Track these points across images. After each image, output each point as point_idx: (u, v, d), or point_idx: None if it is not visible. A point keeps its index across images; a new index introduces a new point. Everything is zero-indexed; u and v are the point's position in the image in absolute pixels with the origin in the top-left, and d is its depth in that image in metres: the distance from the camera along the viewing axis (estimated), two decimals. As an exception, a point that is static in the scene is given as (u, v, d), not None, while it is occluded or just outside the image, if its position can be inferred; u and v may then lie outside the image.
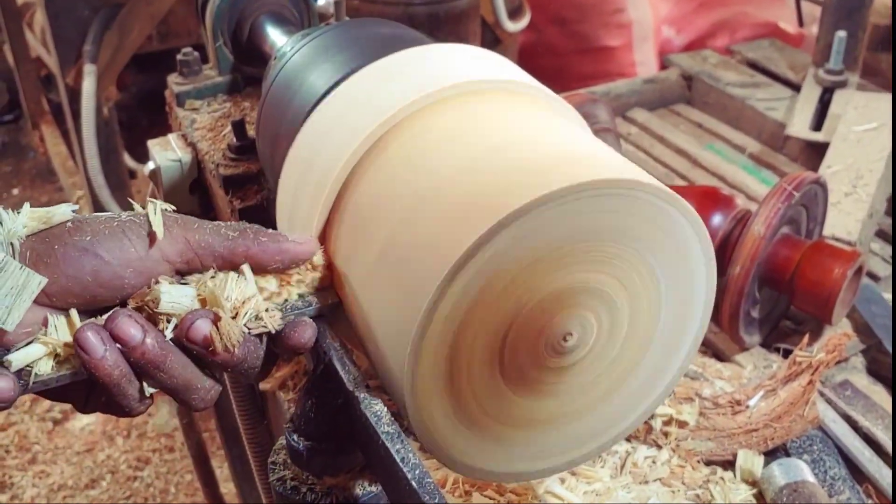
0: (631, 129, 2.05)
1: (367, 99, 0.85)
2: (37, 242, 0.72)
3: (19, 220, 0.72)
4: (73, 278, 0.72)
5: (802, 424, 1.16)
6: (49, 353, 0.70)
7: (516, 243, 0.69)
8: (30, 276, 0.69)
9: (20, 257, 0.71)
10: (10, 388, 0.67)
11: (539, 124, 0.83)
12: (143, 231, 0.75)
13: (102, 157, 2.69)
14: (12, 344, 0.70)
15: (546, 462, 0.84)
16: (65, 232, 0.73)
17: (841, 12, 1.91)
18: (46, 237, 0.73)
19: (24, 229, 0.72)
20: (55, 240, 0.72)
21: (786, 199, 1.27)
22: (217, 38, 1.34)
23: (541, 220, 0.69)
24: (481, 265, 0.69)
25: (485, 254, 0.68)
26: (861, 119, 1.74)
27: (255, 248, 0.77)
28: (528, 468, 0.84)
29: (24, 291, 0.69)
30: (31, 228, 0.73)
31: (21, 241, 0.72)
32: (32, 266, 0.70)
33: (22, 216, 0.73)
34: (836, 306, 1.28)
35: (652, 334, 0.82)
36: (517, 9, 3.00)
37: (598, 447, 0.87)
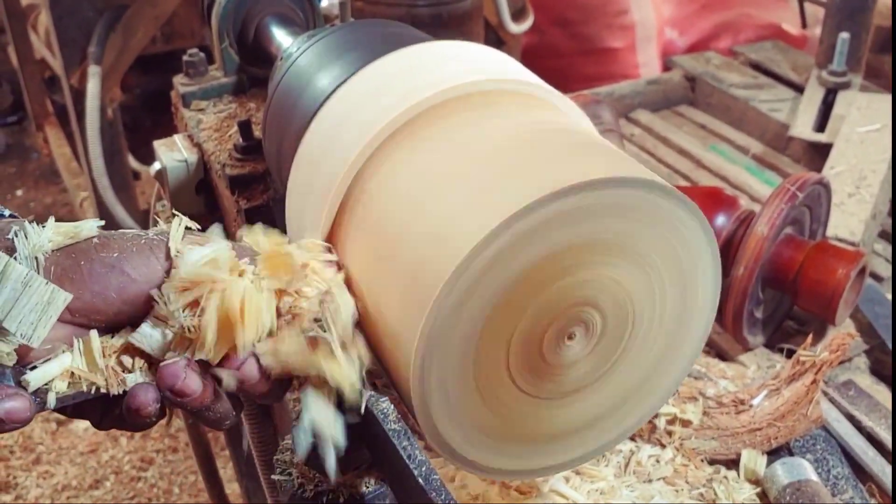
0: (634, 130, 2.05)
1: (374, 99, 0.86)
2: (62, 258, 0.71)
3: (45, 235, 0.71)
4: (99, 295, 0.71)
5: (806, 424, 1.16)
6: (66, 373, 0.70)
7: (522, 242, 0.69)
8: (55, 293, 0.68)
9: (44, 272, 0.70)
10: (26, 409, 0.67)
11: (546, 124, 0.83)
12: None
13: (106, 159, 2.69)
14: (35, 360, 0.70)
15: (550, 460, 0.85)
16: (91, 248, 0.72)
17: (844, 14, 1.91)
18: (72, 252, 0.72)
19: (50, 244, 0.71)
20: (81, 255, 0.71)
21: (789, 200, 1.27)
22: (223, 40, 1.35)
23: (546, 219, 0.69)
24: (487, 264, 0.69)
25: (490, 253, 0.69)
26: (864, 120, 1.75)
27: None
28: (533, 466, 0.85)
29: (49, 307, 0.68)
30: (57, 243, 0.72)
31: (46, 255, 0.71)
32: (57, 281, 0.70)
33: (47, 230, 0.72)
34: (839, 307, 1.29)
35: (656, 334, 0.82)
36: (520, 10, 3.00)
37: (602, 445, 0.87)
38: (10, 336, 0.67)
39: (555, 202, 0.69)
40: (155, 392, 0.70)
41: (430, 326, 0.70)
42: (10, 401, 0.66)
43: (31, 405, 0.67)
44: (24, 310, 0.67)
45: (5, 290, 0.67)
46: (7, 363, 0.68)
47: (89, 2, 2.69)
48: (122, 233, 0.75)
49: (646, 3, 3.14)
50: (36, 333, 0.67)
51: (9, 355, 0.68)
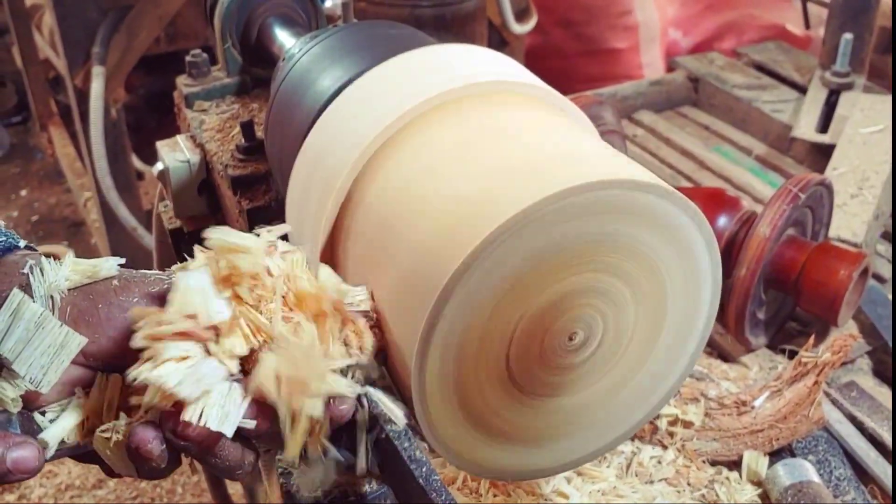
0: (637, 130, 2.05)
1: (377, 100, 0.86)
2: (79, 298, 0.68)
3: (62, 273, 0.69)
4: (115, 340, 0.68)
5: (808, 425, 1.16)
6: (80, 423, 0.67)
7: (523, 243, 0.70)
8: (69, 336, 0.66)
9: (59, 313, 0.67)
10: (35, 458, 0.64)
11: (547, 126, 0.83)
12: None
13: (110, 159, 2.69)
14: (45, 404, 0.68)
15: (552, 461, 0.85)
16: (110, 290, 0.69)
17: (847, 14, 1.91)
18: (90, 294, 0.69)
19: (67, 283, 0.68)
20: (99, 298, 0.69)
21: (791, 201, 1.27)
22: (225, 40, 1.35)
23: (547, 221, 0.69)
24: (488, 265, 0.69)
25: (492, 254, 0.69)
26: (867, 121, 1.74)
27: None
28: (534, 467, 0.85)
29: (62, 351, 0.65)
30: (74, 282, 0.69)
31: (63, 294, 0.68)
32: (73, 323, 0.67)
33: (64, 268, 0.69)
34: (841, 308, 1.29)
35: (658, 334, 0.82)
36: (524, 11, 3.00)
37: (603, 446, 0.88)
38: (19, 380, 0.65)
39: (555, 204, 0.69)
40: (155, 430, 0.66)
41: (429, 327, 0.70)
42: (17, 450, 0.63)
43: (39, 454, 0.64)
44: (35, 352, 0.64)
45: (18, 329, 0.64)
46: (12, 409, 0.65)
47: (93, 2, 2.69)
48: (143, 274, 0.72)
49: (649, 3, 3.14)
50: (46, 378, 0.65)
51: (14, 401, 0.65)
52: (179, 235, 1.33)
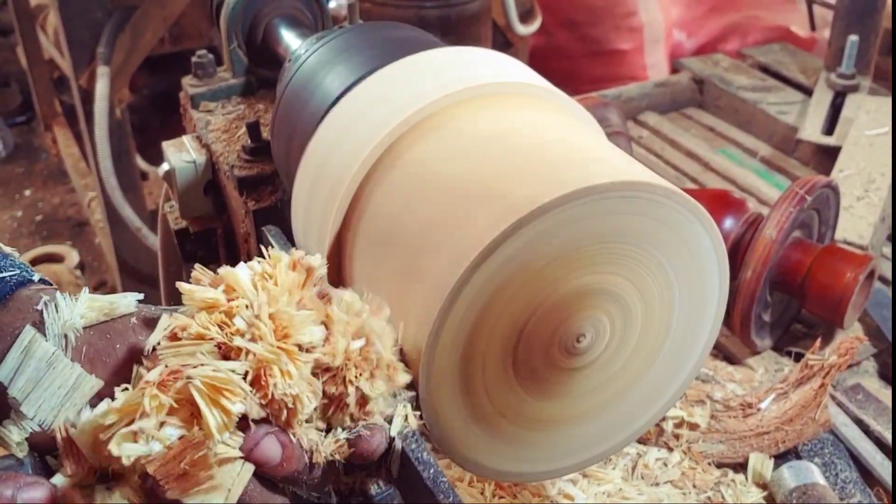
0: (642, 132, 2.05)
1: (383, 101, 0.86)
2: (96, 337, 0.65)
3: (77, 310, 0.65)
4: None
5: (814, 428, 1.16)
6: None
7: (532, 244, 0.70)
8: (82, 378, 0.63)
9: (75, 352, 0.64)
10: (47, 497, 0.60)
11: (555, 128, 0.83)
12: None
13: (115, 159, 2.69)
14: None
15: (558, 463, 0.85)
16: (129, 329, 0.66)
17: (853, 16, 1.91)
18: (108, 332, 0.66)
19: (82, 320, 0.65)
20: (117, 337, 0.66)
21: (798, 203, 1.27)
22: (231, 41, 1.35)
23: (556, 222, 0.69)
24: (497, 265, 0.69)
25: (501, 254, 0.69)
26: (873, 123, 1.74)
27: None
28: (540, 469, 0.85)
29: (74, 393, 0.62)
30: (90, 319, 0.66)
31: (78, 333, 0.65)
32: (89, 364, 0.64)
33: (80, 305, 0.66)
34: (847, 310, 1.28)
35: (664, 337, 0.82)
36: (528, 12, 3.00)
37: (609, 449, 0.87)
38: (27, 422, 0.62)
39: (563, 206, 0.69)
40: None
41: (438, 329, 0.70)
42: (28, 490, 0.59)
43: (51, 494, 0.60)
44: (45, 393, 0.62)
45: (28, 369, 0.62)
46: (17, 453, 0.62)
47: (98, 3, 2.69)
48: (163, 310, 0.68)
49: (654, 4, 3.14)
50: (56, 421, 0.62)
51: (19, 445, 0.62)
52: (185, 236, 1.33)
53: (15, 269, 0.69)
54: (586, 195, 0.69)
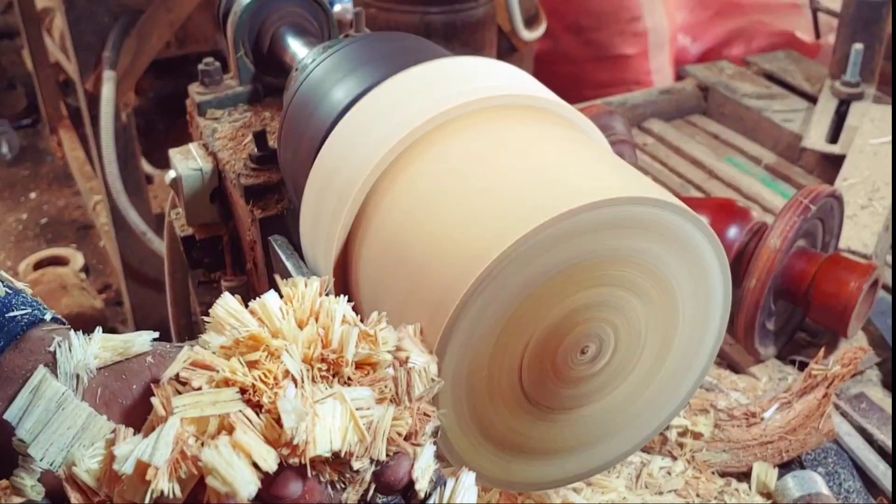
0: (647, 139, 2.06)
1: (389, 113, 0.86)
2: (111, 378, 0.64)
3: (90, 349, 0.64)
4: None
5: (817, 437, 1.16)
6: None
7: (536, 258, 0.70)
8: (91, 418, 0.61)
9: (89, 394, 0.62)
10: None
11: (557, 141, 0.84)
12: None
13: (120, 162, 2.70)
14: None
15: (561, 472, 0.85)
16: (145, 368, 0.64)
17: (857, 24, 1.91)
18: (123, 373, 0.64)
19: (96, 360, 0.64)
20: (133, 377, 0.64)
21: (802, 213, 1.28)
22: (238, 49, 1.35)
23: (559, 236, 0.70)
24: (502, 279, 0.70)
25: (505, 268, 0.69)
26: (877, 131, 1.74)
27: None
28: (544, 478, 0.85)
29: (83, 434, 0.61)
30: (104, 360, 0.64)
31: (91, 374, 0.63)
32: (104, 406, 0.62)
33: (94, 345, 0.64)
34: (851, 319, 1.29)
35: (669, 345, 0.83)
36: (533, 17, 3.01)
37: (613, 458, 0.88)
38: (37, 463, 0.60)
39: (569, 220, 0.69)
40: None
41: (444, 340, 0.70)
42: None
43: None
44: (54, 435, 0.60)
45: (37, 410, 0.60)
46: (34, 497, 0.60)
47: (104, 6, 2.70)
48: (178, 348, 0.66)
49: (658, 9, 3.14)
50: (65, 461, 0.60)
51: (34, 488, 0.60)
52: (191, 243, 1.33)
53: (27, 307, 0.67)
54: (591, 209, 0.70)
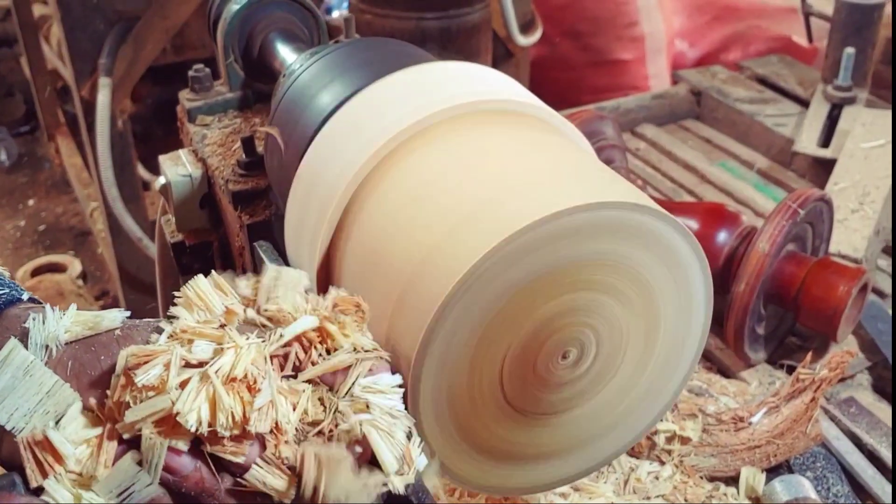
0: (640, 144, 2.06)
1: (373, 118, 0.86)
2: (80, 351, 0.66)
3: (62, 323, 0.66)
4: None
5: (805, 441, 1.16)
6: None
7: (515, 263, 0.70)
8: (58, 387, 0.63)
9: (59, 365, 0.65)
10: None
11: (542, 145, 0.84)
12: None
13: (117, 169, 2.70)
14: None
15: (545, 477, 0.85)
16: (113, 341, 0.67)
17: (850, 29, 1.91)
18: (92, 345, 0.66)
19: (67, 334, 0.66)
20: (102, 349, 0.66)
21: (790, 217, 1.28)
22: (228, 55, 1.35)
23: (538, 240, 0.70)
24: (481, 284, 0.70)
25: (484, 273, 0.69)
26: (868, 136, 1.75)
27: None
28: (527, 483, 0.85)
29: (48, 400, 0.63)
30: (75, 334, 0.66)
31: (60, 346, 0.66)
32: (74, 377, 0.64)
33: (66, 319, 0.67)
34: (841, 323, 1.29)
35: (652, 348, 0.83)
36: (529, 23, 3.01)
37: (596, 463, 0.88)
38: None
39: (546, 225, 0.69)
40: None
41: (424, 345, 0.70)
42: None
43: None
44: (19, 400, 0.62)
45: (4, 376, 0.62)
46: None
47: (100, 13, 2.70)
48: (147, 323, 0.69)
49: (655, 15, 3.14)
50: (28, 427, 0.62)
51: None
52: (181, 249, 1.33)
53: (4, 287, 0.70)
54: (570, 214, 0.70)
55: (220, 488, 0.64)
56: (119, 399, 0.63)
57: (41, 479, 0.61)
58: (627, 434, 0.88)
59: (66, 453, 0.62)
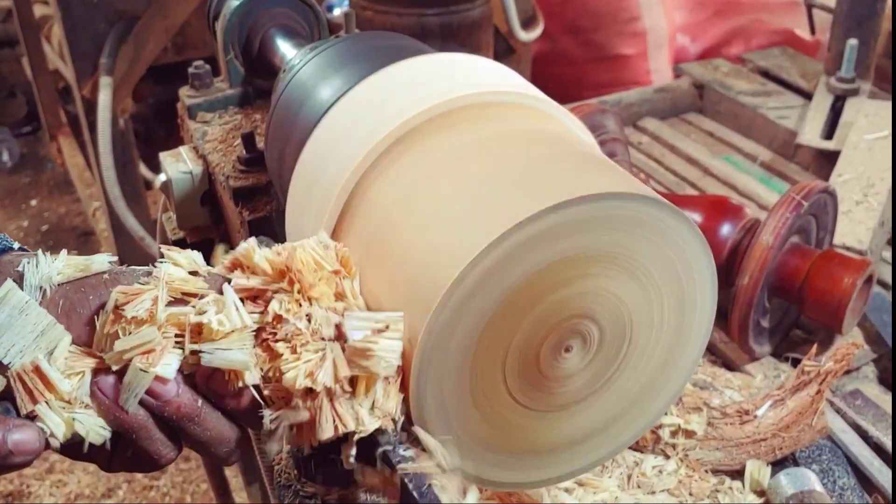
0: (642, 138, 2.05)
1: (373, 110, 0.86)
2: (71, 291, 0.71)
3: (55, 266, 0.71)
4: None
5: (811, 434, 1.15)
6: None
7: (517, 255, 0.70)
8: (51, 326, 0.68)
9: (51, 304, 0.69)
10: (36, 439, 0.65)
11: (544, 137, 0.83)
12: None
13: (118, 169, 2.71)
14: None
15: (548, 472, 0.85)
16: (101, 283, 0.72)
17: (852, 20, 1.91)
18: (82, 287, 0.71)
19: (59, 276, 0.71)
20: (90, 290, 0.71)
21: (794, 209, 1.27)
22: (228, 52, 1.35)
23: (541, 232, 0.69)
24: (482, 277, 0.69)
25: (486, 266, 0.69)
26: (872, 127, 1.74)
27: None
28: (531, 478, 0.85)
29: (41, 338, 0.67)
30: (66, 276, 0.71)
31: (54, 287, 0.70)
32: (64, 315, 0.69)
33: (58, 262, 0.72)
34: (846, 315, 1.28)
35: (655, 345, 0.82)
36: (530, 18, 3.01)
37: (600, 457, 0.87)
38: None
39: (548, 216, 0.69)
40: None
41: (426, 339, 0.70)
42: (17, 432, 0.65)
43: (39, 436, 0.66)
44: (15, 336, 0.67)
45: (1, 315, 0.67)
46: None
47: (101, 13, 2.71)
48: (133, 269, 0.74)
49: (657, 10, 3.14)
50: (22, 361, 0.67)
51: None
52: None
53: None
54: (571, 206, 0.69)
55: (200, 413, 0.70)
56: (107, 332, 0.68)
57: (31, 405, 0.66)
58: (632, 428, 0.88)
59: (56, 381, 0.67)
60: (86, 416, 0.68)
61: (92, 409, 0.68)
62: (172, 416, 0.70)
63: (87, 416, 0.68)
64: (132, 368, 0.67)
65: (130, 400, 0.68)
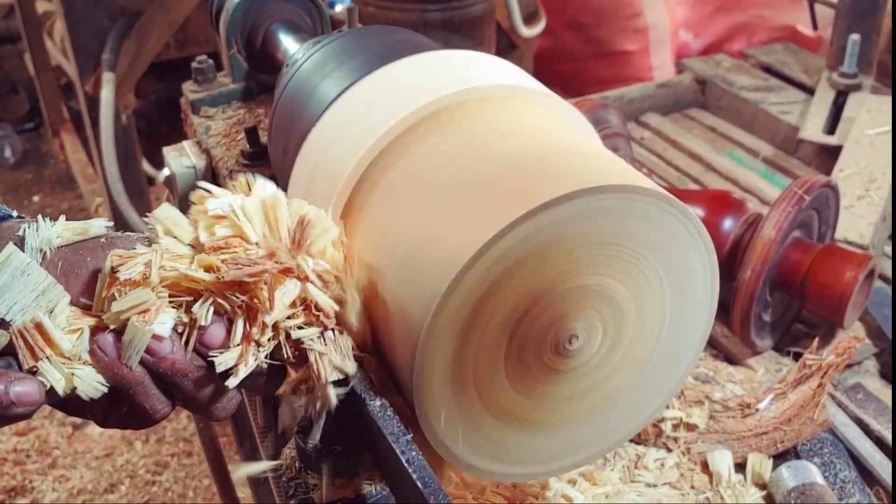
0: (644, 133, 2.05)
1: (376, 105, 0.86)
2: (69, 253, 0.74)
3: (54, 230, 0.74)
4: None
5: (812, 427, 1.16)
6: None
7: (523, 246, 0.70)
8: (51, 286, 0.70)
9: (51, 265, 0.72)
10: (37, 391, 0.68)
11: (549, 130, 0.84)
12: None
13: (121, 164, 2.71)
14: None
15: (550, 464, 0.85)
16: (98, 246, 0.75)
17: (854, 15, 1.91)
18: (80, 249, 0.74)
19: (58, 239, 0.74)
20: (88, 253, 0.74)
21: (796, 203, 1.27)
22: (231, 46, 1.35)
23: (545, 224, 0.70)
24: (488, 269, 0.70)
25: (491, 258, 0.69)
26: (874, 122, 1.74)
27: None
28: (533, 470, 0.85)
29: (42, 298, 0.70)
30: (65, 239, 0.74)
31: (53, 250, 0.73)
32: (63, 276, 0.72)
33: (57, 226, 0.74)
34: (847, 310, 1.28)
35: (657, 340, 0.82)
36: (532, 14, 3.01)
37: (601, 450, 0.88)
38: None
39: (554, 208, 0.69)
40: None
41: (431, 330, 0.70)
42: (19, 384, 0.67)
43: (40, 388, 0.68)
44: (17, 295, 0.69)
45: (4, 275, 0.69)
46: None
47: (103, 9, 2.71)
48: (128, 235, 0.77)
49: (659, 5, 3.14)
50: (23, 319, 0.69)
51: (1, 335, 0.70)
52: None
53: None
54: (574, 198, 0.70)
55: (193, 369, 0.73)
56: (104, 295, 0.71)
57: (32, 361, 0.69)
58: (633, 421, 0.88)
59: (57, 338, 0.69)
60: (85, 372, 0.71)
61: (90, 365, 0.71)
62: (167, 373, 0.72)
63: (86, 372, 0.71)
64: (131, 326, 0.70)
65: (133, 357, 0.71)
